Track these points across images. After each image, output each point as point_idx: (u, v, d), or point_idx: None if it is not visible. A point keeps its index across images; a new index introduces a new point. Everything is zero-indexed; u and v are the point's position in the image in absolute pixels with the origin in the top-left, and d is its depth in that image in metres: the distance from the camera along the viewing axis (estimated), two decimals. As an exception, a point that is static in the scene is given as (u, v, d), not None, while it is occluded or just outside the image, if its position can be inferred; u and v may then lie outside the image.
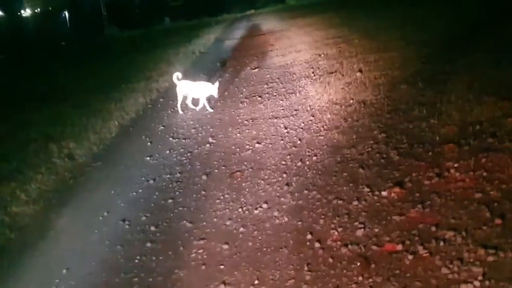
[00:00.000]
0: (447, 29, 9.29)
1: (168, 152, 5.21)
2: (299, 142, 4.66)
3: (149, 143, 5.69)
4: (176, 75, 6.73)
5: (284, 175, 3.91)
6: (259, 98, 6.90)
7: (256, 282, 2.64)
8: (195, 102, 6.86)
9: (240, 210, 3.46)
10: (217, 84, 6.49)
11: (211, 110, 6.64)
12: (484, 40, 7.44)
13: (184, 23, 42.65)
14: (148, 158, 5.09)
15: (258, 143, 4.89)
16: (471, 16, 10.51)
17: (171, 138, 5.73)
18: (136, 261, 3.08)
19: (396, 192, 3.23)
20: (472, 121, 4.18)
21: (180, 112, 6.78)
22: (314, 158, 4.14)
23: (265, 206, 3.44)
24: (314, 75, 7.73)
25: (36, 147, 6.21)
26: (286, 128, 5.22)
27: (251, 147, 4.82)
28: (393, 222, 2.91)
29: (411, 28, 10.42)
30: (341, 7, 23.06)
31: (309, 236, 2.92)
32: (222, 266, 2.85)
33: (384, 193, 3.23)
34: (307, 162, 4.08)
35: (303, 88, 6.96)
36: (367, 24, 13.12)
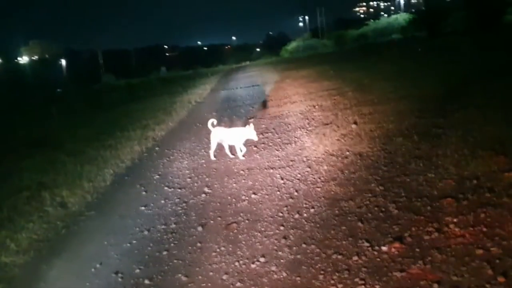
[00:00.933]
0: (439, 84, 9.52)
1: (163, 201, 5.15)
2: (296, 193, 4.63)
3: (144, 192, 5.63)
4: (211, 122, 6.58)
5: (281, 228, 3.85)
6: (255, 148, 6.91)
7: None
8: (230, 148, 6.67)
9: (236, 263, 3.37)
10: (252, 126, 6.13)
11: (242, 158, 6.40)
12: (475, 96, 7.61)
13: (180, 73, 43.45)
14: (142, 208, 5.02)
15: (254, 193, 4.86)
16: (461, 72, 10.82)
17: (166, 188, 5.68)
18: (129, 317, 2.96)
19: (396, 247, 3.18)
20: (469, 175, 4.20)
21: (213, 158, 6.60)
22: (312, 210, 4.10)
23: (262, 260, 3.35)
24: (309, 126, 7.82)
25: (28, 195, 6.13)
26: (282, 179, 5.20)
27: (247, 198, 4.77)
28: (394, 278, 2.84)
29: (404, 81, 10.71)
30: (334, 60, 23.76)
31: (309, 293, 2.84)
32: (218, 324, 2.74)
33: (384, 248, 3.17)
34: (305, 215, 4.04)
35: (299, 139, 7.01)
36: (360, 77, 13.45)
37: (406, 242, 3.24)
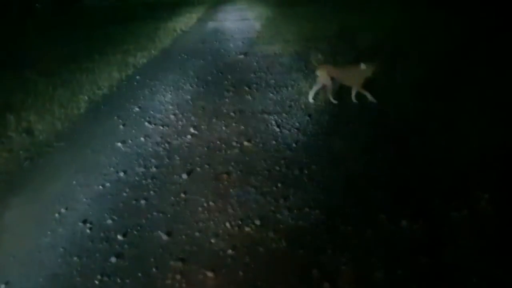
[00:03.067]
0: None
1: (143, 139, 4.57)
2: (294, 145, 4.11)
3: (121, 126, 5.03)
4: (316, 57, 5.60)
5: (280, 185, 3.34)
6: (247, 88, 6.31)
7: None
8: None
9: (227, 224, 2.88)
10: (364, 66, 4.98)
11: (355, 101, 5.20)
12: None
13: (165, -3, 41.28)
14: (119, 144, 4.44)
15: (247, 141, 4.32)
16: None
17: (147, 123, 5.08)
18: (96, 281, 2.45)
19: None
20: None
21: (311, 100, 5.39)
22: (314, 167, 3.59)
23: (258, 222, 2.85)
24: (306, 69, 7.20)
25: (-10, 116, 5.45)
26: (278, 126, 4.65)
27: (238, 145, 4.23)
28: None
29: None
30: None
31: (315, 272, 2.37)
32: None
33: (404, 223, 2.72)
34: (306, 172, 3.53)
35: (296, 82, 6.41)
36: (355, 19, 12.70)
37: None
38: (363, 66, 4.93)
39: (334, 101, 5.27)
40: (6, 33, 16.21)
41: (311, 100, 5.40)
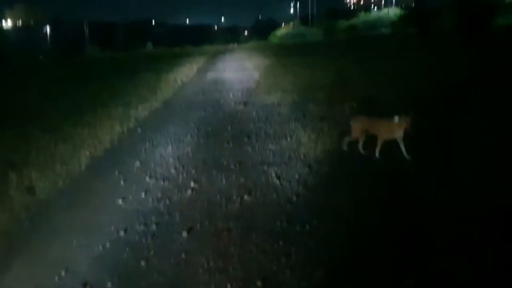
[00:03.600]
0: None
1: (143, 195, 4.57)
2: (295, 198, 4.11)
3: (122, 182, 5.04)
4: (349, 106, 5.33)
5: (281, 242, 3.31)
6: (246, 139, 6.39)
7: None
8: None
9: (229, 287, 2.84)
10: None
11: (378, 156, 4.99)
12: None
13: (166, 50, 42.57)
14: (120, 201, 4.43)
15: (247, 194, 4.32)
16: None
17: (147, 178, 5.10)
18: None
19: None
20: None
21: (345, 148, 5.27)
22: (315, 222, 3.58)
23: (259, 284, 2.80)
24: (305, 119, 7.30)
25: (-8, 174, 5.47)
26: (278, 178, 4.68)
27: (239, 199, 4.23)
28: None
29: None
30: (326, 51, 23.23)
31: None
32: None
33: (408, 282, 2.68)
34: (307, 227, 3.51)
35: (294, 133, 6.49)
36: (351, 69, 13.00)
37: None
38: (396, 119, 4.69)
39: (363, 152, 5.14)
40: (11, 86, 16.56)
41: (345, 148, 5.28)
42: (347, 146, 5.28)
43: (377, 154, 4.98)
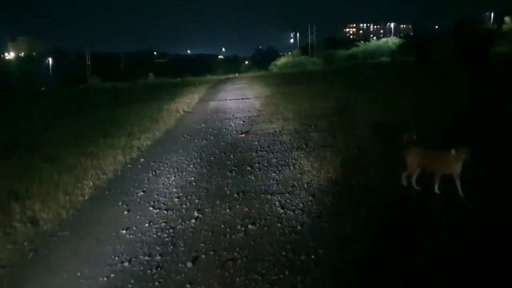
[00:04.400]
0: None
1: (147, 225, 4.56)
2: (299, 228, 4.10)
3: (126, 212, 5.03)
4: (409, 137, 4.92)
5: (287, 272, 3.29)
6: (249, 168, 6.40)
7: None
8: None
9: (235, 319, 2.81)
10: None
11: (438, 192, 4.59)
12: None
13: (168, 80, 43.04)
14: (124, 232, 4.42)
15: (251, 224, 4.31)
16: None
17: (151, 208, 5.10)
18: None
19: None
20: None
21: (416, 187, 4.81)
22: (321, 251, 3.56)
23: (266, 315, 2.80)
24: (307, 147, 7.34)
25: (-4, 205, 5.47)
26: (282, 207, 4.67)
27: (243, 229, 4.22)
28: None
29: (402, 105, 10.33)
30: (325, 79, 23.49)
31: None
32: None
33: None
34: (313, 257, 3.49)
35: (297, 161, 6.51)
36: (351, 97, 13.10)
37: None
38: (453, 151, 4.32)
39: (417, 188, 4.77)
40: (13, 117, 16.70)
41: (404, 183, 4.88)
42: (406, 181, 4.88)
43: (436, 190, 4.58)
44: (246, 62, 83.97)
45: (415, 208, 4.34)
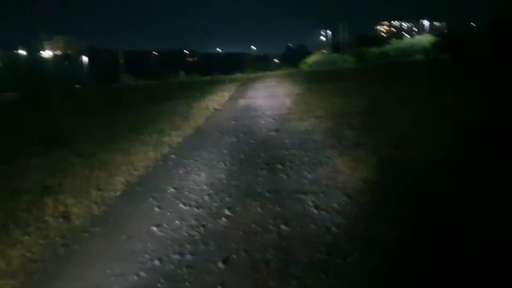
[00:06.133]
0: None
1: (178, 222, 4.49)
2: (335, 229, 3.94)
3: (157, 208, 4.98)
4: None
5: (323, 276, 3.14)
6: (280, 166, 6.26)
7: None
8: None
9: (269, 322, 2.69)
10: None
11: None
12: None
13: (198, 78, 43.39)
14: (154, 228, 4.36)
15: (284, 224, 4.18)
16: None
17: (181, 205, 5.02)
18: None
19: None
20: None
21: None
22: (357, 255, 3.39)
23: (301, 320, 2.66)
24: (340, 146, 7.14)
25: (29, 199, 5.52)
26: (316, 208, 4.51)
27: (275, 229, 4.09)
28: None
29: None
30: (357, 77, 23.09)
31: None
32: None
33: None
34: (349, 260, 3.33)
35: (330, 160, 6.33)
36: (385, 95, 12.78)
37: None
38: None
39: None
40: (48, 114, 17.09)
41: None
42: None
43: None
44: (276, 60, 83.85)
45: (453, 211, 4.12)
